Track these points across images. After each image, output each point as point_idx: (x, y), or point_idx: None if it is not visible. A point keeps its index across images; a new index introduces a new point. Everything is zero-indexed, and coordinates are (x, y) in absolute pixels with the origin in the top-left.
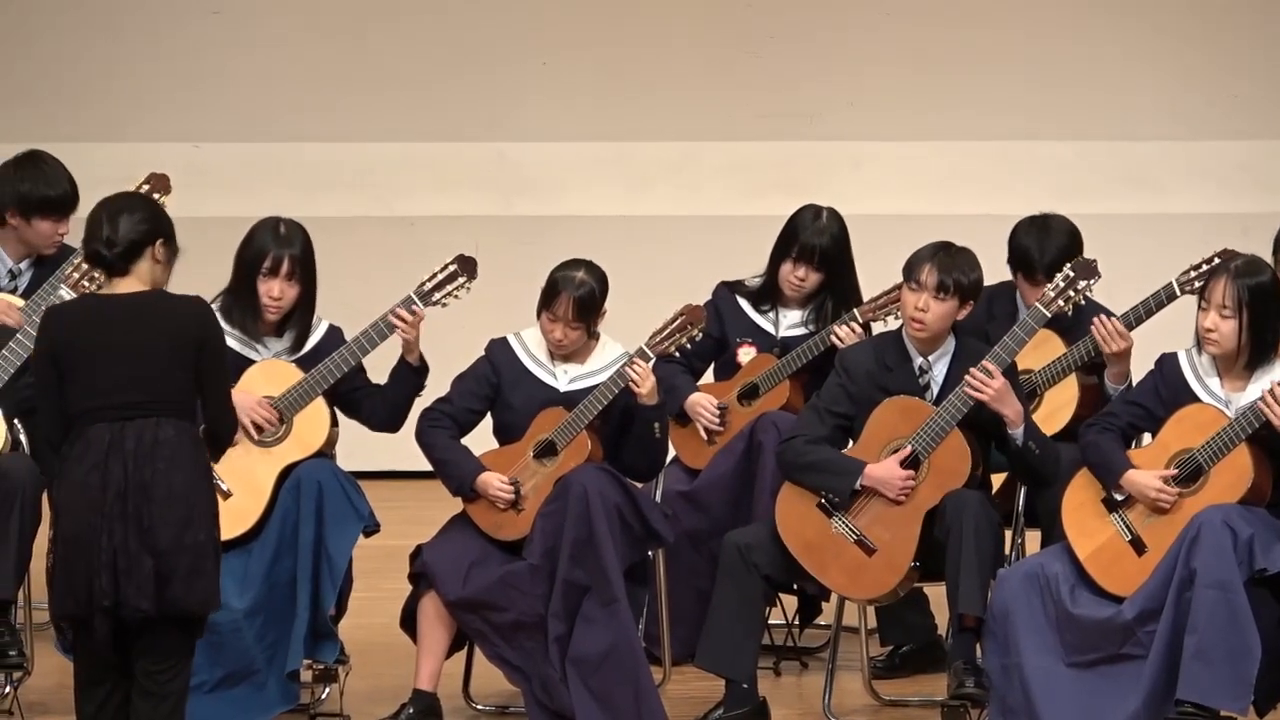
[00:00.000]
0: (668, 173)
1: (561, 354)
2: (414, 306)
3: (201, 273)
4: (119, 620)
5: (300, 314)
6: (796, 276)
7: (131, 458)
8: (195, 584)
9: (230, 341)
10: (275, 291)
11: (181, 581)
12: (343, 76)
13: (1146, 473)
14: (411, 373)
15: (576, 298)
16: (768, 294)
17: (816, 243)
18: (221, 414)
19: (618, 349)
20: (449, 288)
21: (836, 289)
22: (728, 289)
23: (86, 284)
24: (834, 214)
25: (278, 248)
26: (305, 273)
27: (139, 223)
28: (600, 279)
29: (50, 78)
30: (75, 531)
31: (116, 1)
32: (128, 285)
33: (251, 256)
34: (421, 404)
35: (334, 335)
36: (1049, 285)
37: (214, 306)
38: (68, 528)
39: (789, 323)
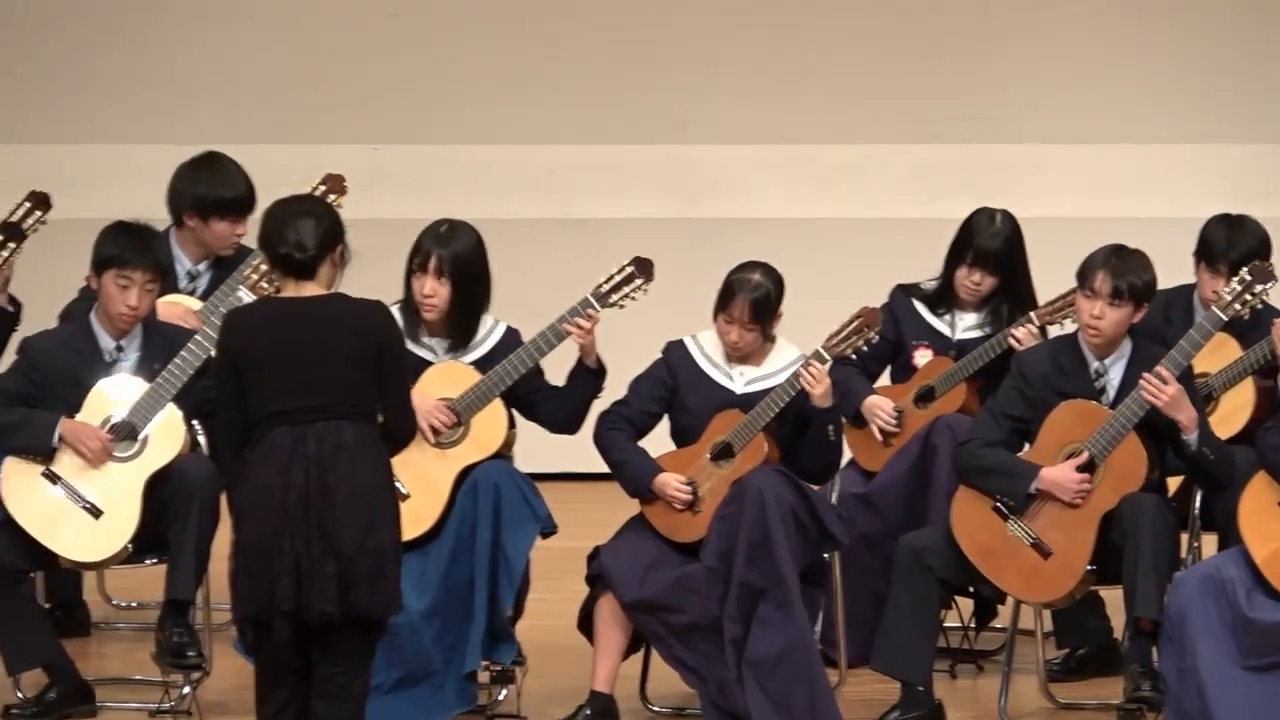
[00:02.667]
0: (847, 175)
1: (738, 356)
2: (589, 310)
3: (377, 274)
4: (301, 623)
5: (459, 314)
6: (971, 280)
7: (314, 461)
8: (379, 587)
9: None
10: (426, 288)
11: (365, 585)
12: (522, 78)
13: None
14: (590, 375)
15: (752, 300)
16: (943, 297)
17: (991, 246)
18: (401, 416)
19: (794, 351)
20: (626, 289)
21: (1011, 292)
22: (904, 292)
23: (265, 285)
24: (1008, 217)
25: (431, 245)
26: (459, 272)
27: (328, 227)
28: (776, 281)
29: (230, 80)
30: (258, 536)
31: (296, 4)
32: (310, 289)
33: (411, 254)
34: (599, 406)
35: (512, 337)
36: (1225, 289)
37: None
38: (250, 532)
39: (965, 325)
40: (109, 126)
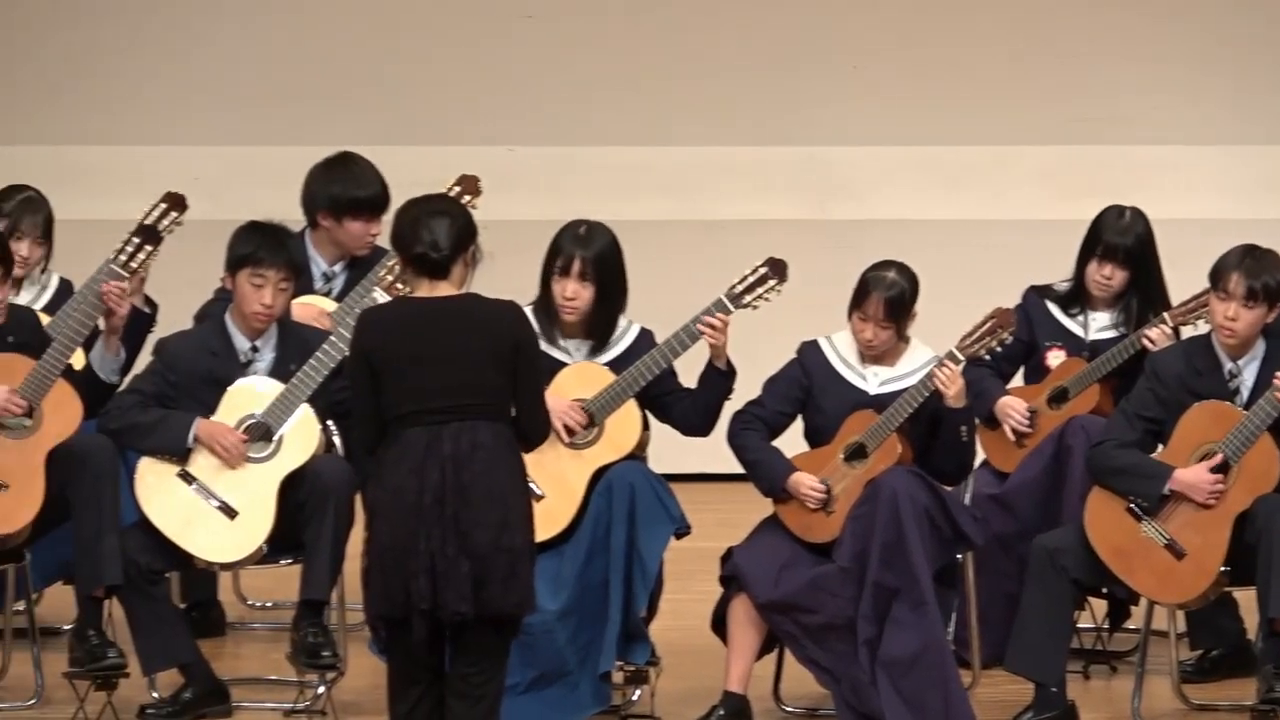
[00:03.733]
0: (980, 177)
1: (872, 355)
2: (721, 311)
3: (513, 274)
4: (435, 621)
5: (599, 316)
6: (1103, 275)
7: (449, 461)
8: (512, 586)
9: None
10: (568, 291)
11: (498, 584)
12: (656, 79)
13: None
14: (720, 377)
15: (887, 298)
16: (1076, 297)
17: (1120, 242)
18: (534, 416)
19: (928, 352)
20: (759, 290)
21: (1142, 288)
22: (1037, 293)
23: (400, 286)
24: (1138, 213)
25: (572, 247)
26: (601, 274)
27: (463, 227)
28: (911, 280)
29: (368, 83)
30: (393, 535)
31: (431, 5)
32: (443, 289)
33: (550, 257)
34: (733, 406)
35: (645, 338)
36: None
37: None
38: (385, 531)
39: (1098, 326)
40: (245, 129)
